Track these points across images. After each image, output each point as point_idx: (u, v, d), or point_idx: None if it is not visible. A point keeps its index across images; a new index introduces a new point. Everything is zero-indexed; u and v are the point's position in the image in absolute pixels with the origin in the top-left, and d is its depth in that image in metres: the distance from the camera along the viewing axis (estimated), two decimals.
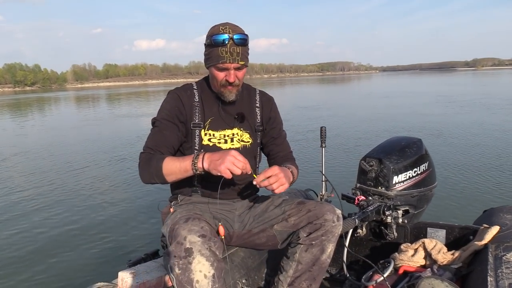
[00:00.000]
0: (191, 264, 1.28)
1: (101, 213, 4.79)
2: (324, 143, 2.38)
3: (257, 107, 1.76)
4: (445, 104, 16.67)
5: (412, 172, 2.15)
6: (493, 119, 11.48)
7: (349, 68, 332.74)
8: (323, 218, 1.54)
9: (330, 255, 1.59)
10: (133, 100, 33.87)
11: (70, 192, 5.73)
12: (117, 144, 9.91)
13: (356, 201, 2.10)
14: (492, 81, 42.13)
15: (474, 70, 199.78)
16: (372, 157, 2.18)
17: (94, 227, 4.33)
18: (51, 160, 8.29)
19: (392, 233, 2.07)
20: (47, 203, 5.23)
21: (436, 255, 1.82)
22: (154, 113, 1.64)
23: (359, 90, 37.04)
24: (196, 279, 1.27)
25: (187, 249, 1.29)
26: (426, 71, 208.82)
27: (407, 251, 1.91)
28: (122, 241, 3.94)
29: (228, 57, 1.52)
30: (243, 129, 1.71)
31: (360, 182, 2.22)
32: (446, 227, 2.02)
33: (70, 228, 4.34)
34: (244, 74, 1.63)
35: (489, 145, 7.65)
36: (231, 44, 1.51)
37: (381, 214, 2.00)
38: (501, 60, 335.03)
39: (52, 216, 4.71)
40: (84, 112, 22.88)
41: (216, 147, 1.65)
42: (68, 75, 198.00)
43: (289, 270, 1.60)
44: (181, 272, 1.28)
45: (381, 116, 13.44)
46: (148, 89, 65.56)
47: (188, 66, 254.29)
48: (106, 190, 5.75)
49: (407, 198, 2.15)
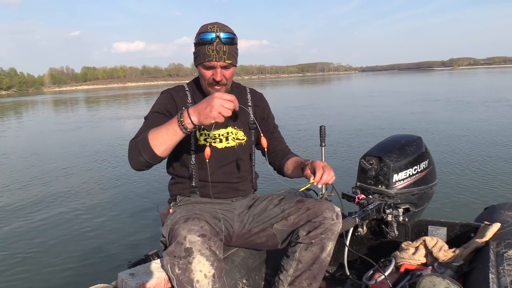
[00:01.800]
0: (191, 264, 1.27)
1: (100, 215, 4.78)
2: (324, 142, 2.37)
3: (249, 105, 1.77)
4: (436, 103, 16.80)
5: (412, 170, 2.14)
6: (490, 116, 11.48)
7: (329, 69, 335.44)
8: (322, 216, 1.54)
9: (330, 253, 1.59)
10: (116, 102, 33.50)
11: (69, 195, 5.72)
12: (110, 146, 9.86)
13: (357, 200, 2.10)
14: (473, 80, 42.63)
15: (450, 69, 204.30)
16: (372, 156, 2.17)
17: (94, 229, 4.33)
18: (40, 164, 8.19)
19: (393, 231, 2.06)
20: (44, 206, 5.22)
21: (437, 253, 1.81)
22: (138, 115, 1.63)
23: (344, 90, 37.35)
24: (197, 279, 1.26)
25: (187, 249, 1.29)
26: (404, 71, 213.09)
27: (408, 249, 1.91)
28: (122, 243, 3.93)
29: (214, 55, 1.52)
30: (237, 127, 1.71)
31: (360, 181, 2.21)
32: (447, 225, 2.01)
33: (69, 230, 4.34)
34: (232, 74, 1.63)
35: (489, 142, 7.64)
36: (217, 43, 1.52)
37: (382, 213, 1.99)
38: (476, 59, 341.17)
39: (50, 219, 4.70)
40: (67, 116, 22.53)
41: (212, 147, 1.64)
42: (45, 79, 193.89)
43: (289, 269, 1.60)
44: (181, 272, 1.28)
45: (376, 115, 13.49)
46: (128, 92, 64.75)
47: (168, 68, 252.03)
48: (105, 192, 5.74)
49: (408, 196, 2.14)
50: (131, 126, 14.46)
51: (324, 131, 2.37)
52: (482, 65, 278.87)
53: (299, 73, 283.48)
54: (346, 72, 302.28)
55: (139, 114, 16.85)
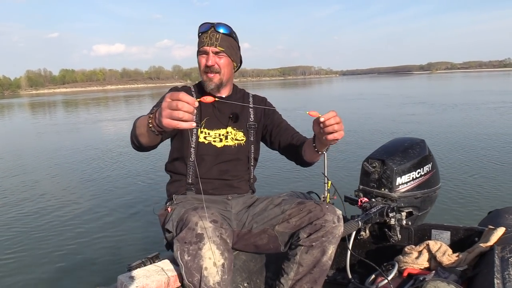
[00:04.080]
0: (201, 250, 1.27)
1: (99, 218, 4.76)
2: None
3: (250, 107, 1.81)
4: (430, 105, 16.91)
5: (415, 173, 2.12)
6: (495, 119, 11.45)
7: (310, 72, 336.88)
8: (323, 218, 1.53)
9: (331, 257, 1.57)
10: (98, 105, 33.23)
11: (66, 199, 5.69)
12: (101, 150, 9.76)
13: (359, 203, 2.08)
14: (456, 83, 43.35)
15: (429, 73, 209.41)
16: (375, 159, 2.15)
17: (93, 232, 4.30)
18: (29, 170, 7.99)
19: (396, 235, 2.04)
20: (40, 210, 5.19)
21: (441, 257, 1.79)
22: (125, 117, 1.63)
23: (331, 93, 37.59)
24: (205, 266, 1.26)
25: (198, 234, 1.28)
26: (384, 75, 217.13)
27: (411, 253, 1.89)
28: (121, 245, 3.91)
29: (207, 41, 1.62)
30: (236, 128, 1.76)
31: (363, 184, 2.19)
32: (451, 229, 1.99)
33: (68, 233, 4.31)
34: (227, 65, 1.67)
35: (492, 146, 7.60)
36: (211, 31, 1.62)
37: (385, 216, 1.97)
38: (453, 64, 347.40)
39: (46, 223, 4.67)
40: (53, 118, 22.32)
41: (211, 145, 1.71)
42: (22, 81, 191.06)
43: (290, 273, 1.59)
44: (191, 259, 1.27)
45: (374, 117, 13.55)
46: (108, 95, 64.17)
47: (149, 71, 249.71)
48: (102, 196, 5.71)
49: (411, 199, 2.12)
50: (115, 128, 14.48)
51: None
52: (459, 69, 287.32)
53: (281, 77, 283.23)
54: (327, 76, 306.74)
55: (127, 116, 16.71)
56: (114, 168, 7.51)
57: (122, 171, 7.19)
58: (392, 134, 9.30)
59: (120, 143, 9.73)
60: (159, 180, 6.03)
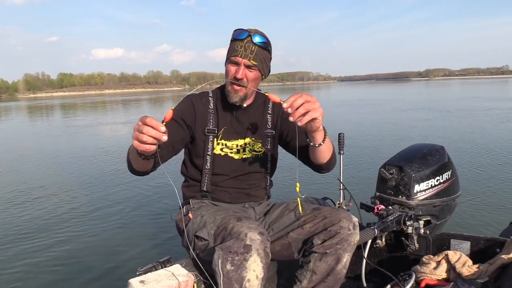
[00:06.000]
0: (247, 261, 1.25)
1: (110, 220, 4.77)
2: (342, 150, 2.31)
3: (268, 113, 1.75)
4: (440, 112, 16.77)
5: (434, 181, 2.06)
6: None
7: (308, 78, 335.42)
8: (339, 225, 1.48)
9: (345, 265, 1.52)
10: (99, 109, 33.34)
11: (77, 200, 5.74)
12: (117, 152, 9.75)
13: (375, 210, 2.03)
14: (459, 90, 43.06)
15: (427, 80, 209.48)
16: (393, 165, 2.10)
17: (103, 235, 4.32)
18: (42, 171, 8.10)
19: (413, 244, 1.98)
20: (49, 210, 5.24)
21: (460, 268, 1.73)
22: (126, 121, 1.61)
23: (329, 98, 37.38)
24: (248, 278, 1.25)
25: (247, 245, 1.27)
26: (382, 81, 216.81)
27: (429, 263, 1.83)
28: (133, 249, 3.90)
29: (241, 51, 1.53)
30: (255, 138, 1.70)
31: (379, 191, 2.14)
32: (471, 239, 1.92)
33: (78, 236, 4.33)
34: (256, 79, 1.61)
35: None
36: (248, 41, 1.53)
37: (402, 224, 1.91)
38: (451, 70, 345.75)
39: (58, 225, 4.69)
40: (59, 121, 22.51)
41: (228, 157, 1.66)
42: (20, 85, 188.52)
43: (303, 281, 1.55)
44: (234, 269, 1.26)
45: (385, 122, 13.50)
46: (106, 99, 64.19)
47: (147, 75, 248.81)
48: (113, 198, 5.73)
49: (429, 208, 2.06)
50: (123, 132, 14.55)
51: (343, 139, 2.31)
52: (457, 76, 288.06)
53: (279, 82, 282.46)
54: (325, 82, 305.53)
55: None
56: (125, 170, 7.52)
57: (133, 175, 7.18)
58: (408, 140, 9.17)
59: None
60: (170, 185, 5.99)
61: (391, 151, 2.28)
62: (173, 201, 1.65)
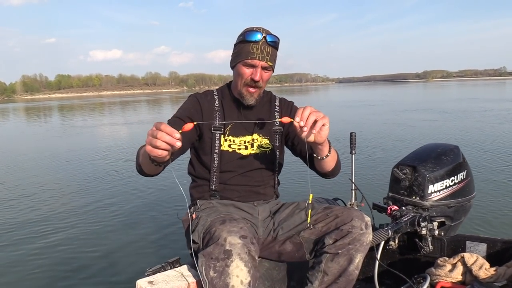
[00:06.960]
0: (229, 267, 1.22)
1: (118, 220, 4.77)
2: (354, 150, 2.27)
3: (276, 111, 1.74)
4: (450, 112, 16.64)
5: (449, 181, 2.01)
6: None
7: (306, 80, 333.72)
8: (351, 224, 1.45)
9: (358, 266, 1.48)
10: (99, 111, 33.22)
11: (85, 199, 5.75)
12: (125, 151, 9.81)
13: (389, 211, 1.98)
14: (459, 92, 42.60)
15: (425, 81, 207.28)
16: (406, 165, 2.06)
17: (112, 235, 4.31)
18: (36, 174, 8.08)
19: (427, 246, 1.93)
20: (57, 211, 5.25)
21: (477, 271, 1.68)
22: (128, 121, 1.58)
23: (329, 99, 37.46)
24: (232, 284, 1.21)
25: (227, 251, 1.24)
26: (380, 83, 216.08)
27: (445, 265, 1.78)
28: (141, 249, 3.89)
29: (258, 54, 1.52)
30: (262, 134, 1.69)
31: (392, 191, 2.10)
32: (487, 241, 1.87)
33: (86, 235, 4.33)
34: (268, 79, 1.62)
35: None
36: (263, 43, 1.52)
37: (416, 226, 1.87)
38: (449, 72, 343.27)
39: (66, 225, 4.70)
40: (62, 122, 22.25)
41: (236, 153, 1.65)
42: (17, 86, 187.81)
43: (314, 282, 1.51)
44: (217, 276, 1.22)
45: (393, 123, 13.40)
46: (104, 100, 63.93)
47: (145, 77, 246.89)
48: (121, 198, 5.73)
49: (444, 209, 2.01)
50: (131, 131, 14.47)
51: (355, 138, 2.27)
52: (455, 77, 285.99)
53: (277, 84, 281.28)
54: (324, 83, 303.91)
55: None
56: (133, 171, 7.53)
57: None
58: (420, 140, 9.06)
59: (138, 146, 9.68)
60: (180, 182, 5.99)
61: (402, 151, 2.23)
62: (182, 201, 1.63)
